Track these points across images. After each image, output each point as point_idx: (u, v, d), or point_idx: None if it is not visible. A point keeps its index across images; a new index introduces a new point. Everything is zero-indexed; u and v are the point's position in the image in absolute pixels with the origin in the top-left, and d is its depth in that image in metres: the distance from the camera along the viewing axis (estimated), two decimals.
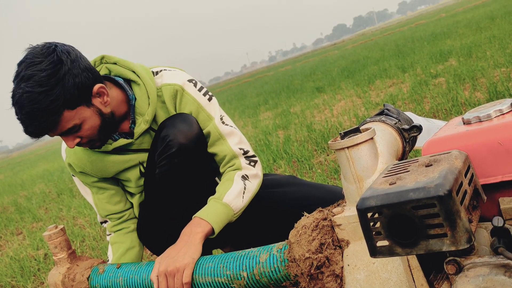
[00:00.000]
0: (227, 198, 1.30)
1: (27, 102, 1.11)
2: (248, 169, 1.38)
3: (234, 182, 1.33)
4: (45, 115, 1.14)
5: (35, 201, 5.58)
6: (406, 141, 1.02)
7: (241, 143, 1.40)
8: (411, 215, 0.61)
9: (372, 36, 27.82)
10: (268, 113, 6.60)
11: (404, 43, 10.58)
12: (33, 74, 1.11)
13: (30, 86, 1.11)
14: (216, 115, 1.38)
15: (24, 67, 1.13)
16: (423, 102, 3.77)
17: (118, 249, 1.47)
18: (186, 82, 1.37)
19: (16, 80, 1.13)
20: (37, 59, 1.13)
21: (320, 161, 3.05)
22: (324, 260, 0.95)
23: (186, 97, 1.35)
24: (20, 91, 1.11)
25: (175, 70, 1.41)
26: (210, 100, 1.39)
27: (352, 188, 0.91)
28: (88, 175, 1.44)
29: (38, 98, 1.11)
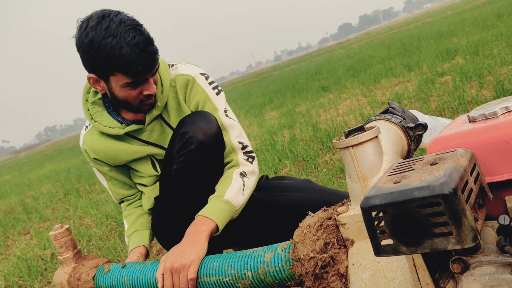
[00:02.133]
0: (228, 195, 1.32)
1: (141, 32, 1.23)
2: (245, 165, 1.41)
3: (233, 180, 1.36)
4: (153, 43, 1.26)
5: (42, 201, 5.61)
6: (411, 140, 1.01)
7: (240, 137, 1.43)
8: (416, 214, 0.60)
9: (378, 34, 27.71)
10: (274, 113, 6.60)
11: (410, 42, 10.53)
12: (127, 16, 1.25)
13: (134, 21, 1.24)
14: (221, 107, 1.42)
15: (114, 15, 1.23)
16: (429, 100, 3.75)
17: (130, 220, 1.56)
18: (199, 74, 1.43)
19: (113, 27, 1.20)
20: (115, 11, 1.25)
21: (325, 161, 3.05)
22: (329, 259, 0.95)
23: (196, 87, 1.41)
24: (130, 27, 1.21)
25: (190, 65, 1.48)
26: (218, 94, 1.44)
27: (357, 187, 0.90)
28: (101, 162, 1.48)
29: (144, 29, 1.26)
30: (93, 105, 1.42)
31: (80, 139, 1.52)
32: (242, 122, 6.57)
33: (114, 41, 1.19)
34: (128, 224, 1.56)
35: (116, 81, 1.26)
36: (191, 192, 1.39)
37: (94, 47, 1.20)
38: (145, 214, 1.56)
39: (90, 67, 1.27)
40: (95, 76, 1.28)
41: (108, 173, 1.52)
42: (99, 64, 1.23)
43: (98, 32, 1.19)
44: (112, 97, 1.33)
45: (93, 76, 1.29)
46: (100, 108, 1.42)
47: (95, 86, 1.33)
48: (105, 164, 1.48)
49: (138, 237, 1.51)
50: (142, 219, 1.55)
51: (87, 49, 1.22)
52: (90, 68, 1.28)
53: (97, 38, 1.19)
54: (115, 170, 1.51)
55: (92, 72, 1.28)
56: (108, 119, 1.41)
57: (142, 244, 1.49)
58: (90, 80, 1.31)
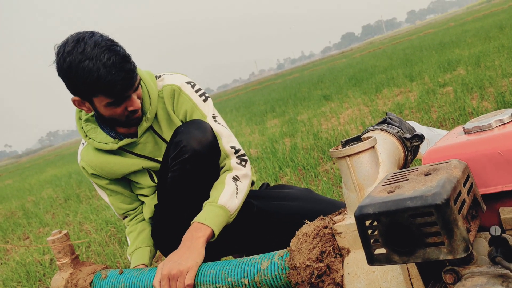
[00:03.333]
0: (222, 200, 1.33)
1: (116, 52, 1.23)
2: (238, 169, 1.42)
3: (226, 184, 1.36)
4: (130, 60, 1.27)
5: (43, 206, 5.62)
6: (408, 150, 1.02)
7: (231, 142, 1.44)
8: (408, 223, 0.61)
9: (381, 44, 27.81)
10: (275, 121, 6.61)
11: (412, 52, 10.57)
12: (101, 36, 1.25)
13: (109, 41, 1.25)
14: (209, 114, 1.44)
15: (89, 38, 1.23)
16: (430, 111, 3.76)
17: (132, 237, 1.56)
18: (184, 83, 1.45)
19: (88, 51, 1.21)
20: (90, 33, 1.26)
21: (326, 169, 3.05)
22: (325, 268, 0.95)
23: (182, 97, 1.43)
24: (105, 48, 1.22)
25: (176, 74, 1.49)
26: (206, 101, 1.46)
27: (353, 196, 0.91)
28: (99, 177, 1.49)
29: (120, 47, 1.26)
30: (86, 122, 1.45)
31: (78, 156, 1.54)
32: (244, 130, 6.59)
33: (91, 64, 1.20)
34: (130, 241, 1.57)
35: (99, 102, 1.28)
36: (186, 200, 1.40)
37: (73, 71, 1.22)
38: (146, 229, 1.56)
39: (72, 90, 1.29)
40: (79, 98, 1.30)
41: (108, 187, 1.52)
42: (80, 87, 1.25)
43: (75, 56, 1.21)
44: (99, 116, 1.36)
45: (77, 98, 1.31)
46: (93, 125, 1.44)
47: (81, 108, 1.35)
48: (104, 178, 1.50)
49: (138, 255, 1.51)
50: (143, 235, 1.55)
51: (67, 74, 1.24)
52: (73, 91, 1.30)
53: (74, 62, 1.21)
54: (114, 183, 1.52)
55: (75, 95, 1.30)
56: (102, 135, 1.42)
57: (142, 262, 1.49)
58: (75, 103, 1.33)
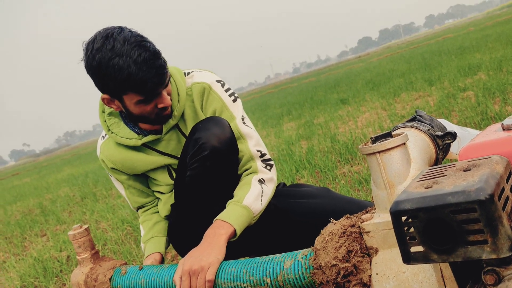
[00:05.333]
0: (247, 201, 1.31)
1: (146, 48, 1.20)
2: (264, 172, 1.39)
3: (252, 186, 1.34)
4: (161, 57, 1.24)
5: (60, 204, 5.67)
6: (439, 148, 0.98)
7: (258, 145, 1.42)
8: (449, 220, 0.58)
9: (398, 49, 27.56)
10: (291, 124, 6.58)
11: (431, 56, 10.43)
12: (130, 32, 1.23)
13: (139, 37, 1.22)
14: (238, 115, 1.41)
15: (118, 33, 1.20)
16: (451, 115, 3.69)
17: (147, 226, 1.56)
18: (215, 82, 1.42)
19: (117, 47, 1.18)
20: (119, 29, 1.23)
21: (343, 172, 3.01)
22: (352, 268, 0.92)
23: (212, 95, 1.40)
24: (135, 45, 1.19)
25: (206, 72, 1.46)
26: (235, 101, 1.43)
27: (383, 194, 0.88)
28: (119, 171, 1.48)
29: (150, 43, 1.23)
30: (109, 116, 1.43)
31: (97, 149, 1.52)
32: (260, 132, 6.56)
33: (121, 61, 1.17)
34: (144, 230, 1.56)
35: (129, 100, 1.26)
36: (205, 198, 1.38)
37: (103, 69, 1.19)
38: (162, 221, 1.56)
39: (102, 88, 1.27)
40: (108, 96, 1.28)
41: (126, 182, 1.51)
42: (110, 85, 1.22)
43: (104, 54, 1.18)
44: (128, 114, 1.33)
45: (106, 97, 1.29)
46: (117, 119, 1.42)
47: (110, 106, 1.33)
48: (123, 173, 1.49)
49: (154, 243, 1.50)
50: (159, 226, 1.55)
51: (96, 72, 1.21)
52: (102, 89, 1.27)
53: (104, 59, 1.18)
54: (133, 179, 1.51)
55: (105, 93, 1.28)
56: (125, 130, 1.41)
57: (157, 250, 1.48)
58: (104, 101, 1.31)
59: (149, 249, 1.49)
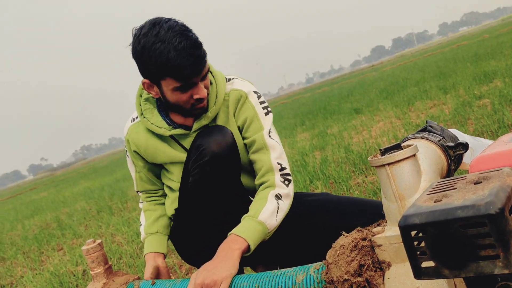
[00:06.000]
0: (262, 216, 1.31)
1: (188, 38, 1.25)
2: (281, 187, 1.38)
3: (268, 201, 1.34)
4: (201, 47, 1.28)
5: (76, 218, 5.73)
6: (451, 159, 0.97)
7: (280, 158, 1.42)
8: (459, 235, 0.57)
9: (412, 57, 27.40)
10: (305, 134, 6.56)
11: (445, 64, 10.34)
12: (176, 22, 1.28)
13: (182, 26, 1.27)
14: (266, 127, 1.44)
15: (164, 22, 1.26)
16: (466, 123, 3.64)
17: (150, 216, 1.58)
18: (252, 92, 1.46)
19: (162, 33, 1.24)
20: (166, 18, 1.28)
21: (357, 183, 2.98)
22: (364, 283, 0.91)
23: (247, 104, 1.44)
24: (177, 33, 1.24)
25: (246, 81, 1.51)
26: (267, 115, 1.46)
27: (393, 206, 0.87)
28: (139, 156, 1.53)
29: (193, 34, 1.28)
30: (146, 101, 1.47)
31: (124, 129, 1.56)
32: None
33: (162, 46, 1.23)
34: (148, 220, 1.58)
35: (167, 85, 1.30)
36: (207, 204, 1.40)
37: (145, 53, 1.25)
38: (166, 216, 1.59)
39: (143, 72, 1.33)
40: (148, 81, 1.34)
41: (141, 167, 1.56)
42: (150, 69, 1.28)
43: (149, 39, 1.24)
44: (165, 102, 1.37)
45: (147, 81, 1.34)
46: (151, 106, 1.47)
47: (150, 91, 1.38)
48: (142, 159, 1.53)
49: (157, 241, 1.53)
50: (163, 222, 1.58)
51: (140, 56, 1.27)
52: (143, 74, 1.33)
53: (147, 44, 1.24)
54: (147, 167, 1.55)
55: (145, 77, 1.34)
56: (157, 118, 1.44)
57: (162, 251, 1.52)
58: (144, 85, 1.37)
59: (152, 245, 1.52)
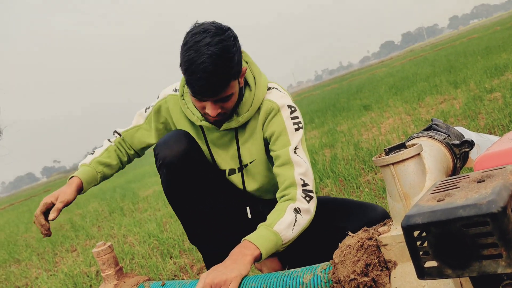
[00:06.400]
0: (278, 227, 1.28)
1: (214, 62, 1.25)
2: (302, 202, 1.34)
3: (286, 213, 1.31)
4: (223, 77, 1.28)
5: (89, 219, 5.79)
6: (457, 157, 0.96)
7: (304, 175, 1.38)
8: (461, 234, 0.57)
9: (422, 52, 27.15)
10: (315, 132, 6.55)
11: (456, 58, 10.23)
12: (220, 42, 1.26)
13: (218, 50, 1.25)
14: (293, 143, 1.40)
15: (210, 35, 1.27)
16: (477, 118, 3.60)
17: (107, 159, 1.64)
18: (286, 106, 1.44)
19: (199, 45, 1.26)
20: (220, 31, 1.29)
21: (367, 180, 2.97)
22: (371, 283, 0.91)
23: (277, 118, 1.43)
24: (209, 52, 1.24)
25: (285, 93, 1.49)
26: (297, 131, 1.42)
27: (399, 206, 0.87)
28: (158, 122, 1.59)
29: (223, 61, 1.26)
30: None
31: (163, 93, 1.58)
32: None
33: (191, 56, 1.26)
34: (101, 158, 1.62)
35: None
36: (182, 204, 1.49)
37: (182, 50, 1.30)
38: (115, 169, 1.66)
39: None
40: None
41: (146, 128, 1.61)
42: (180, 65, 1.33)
43: (190, 40, 1.28)
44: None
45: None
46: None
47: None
48: (157, 126, 1.58)
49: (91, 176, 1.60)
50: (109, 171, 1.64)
51: (181, 49, 1.31)
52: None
53: (186, 45, 1.29)
54: (158, 132, 1.60)
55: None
56: (193, 105, 1.47)
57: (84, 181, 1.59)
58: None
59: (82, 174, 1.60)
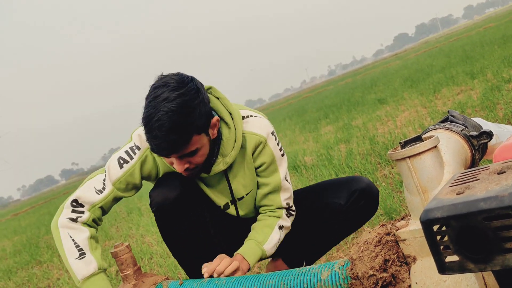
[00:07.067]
0: (267, 246, 1.46)
1: (170, 119, 1.20)
2: (285, 220, 1.53)
3: (274, 232, 1.49)
4: (182, 134, 1.23)
5: (107, 220, 5.86)
6: (475, 149, 0.94)
7: (289, 199, 1.54)
8: (483, 227, 0.55)
9: (437, 43, 26.75)
10: (329, 127, 6.51)
11: (472, 48, 10.05)
12: (178, 97, 1.22)
13: (175, 106, 1.20)
14: (282, 171, 1.50)
15: (168, 90, 1.22)
16: (496, 108, 3.53)
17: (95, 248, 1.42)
18: (270, 134, 1.46)
19: (157, 100, 1.22)
20: (180, 85, 1.24)
21: (384, 174, 2.94)
22: (390, 278, 0.89)
23: (266, 149, 1.46)
24: (165, 109, 1.20)
25: (261, 118, 1.48)
26: (283, 156, 1.50)
27: (416, 200, 0.85)
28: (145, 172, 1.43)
29: (181, 117, 1.21)
30: None
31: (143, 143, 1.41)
32: (298, 138, 6.53)
33: (149, 111, 1.22)
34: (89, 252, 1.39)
35: None
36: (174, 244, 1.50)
37: (145, 105, 1.26)
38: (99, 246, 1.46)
39: None
40: None
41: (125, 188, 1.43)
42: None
43: (150, 95, 1.25)
44: None
45: None
46: None
47: None
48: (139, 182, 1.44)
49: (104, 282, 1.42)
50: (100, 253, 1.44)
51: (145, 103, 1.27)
52: None
53: (147, 99, 1.25)
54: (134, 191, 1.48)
55: None
56: None
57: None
58: None
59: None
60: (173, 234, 1.48)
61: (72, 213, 1.40)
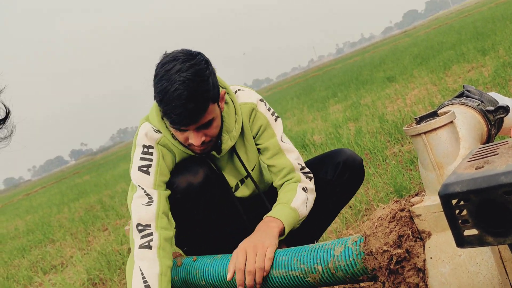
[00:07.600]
0: (295, 204, 1.35)
1: (188, 87, 1.20)
2: (306, 182, 1.44)
3: (297, 192, 1.39)
4: (200, 102, 1.23)
5: (118, 199, 5.93)
6: (491, 124, 0.93)
7: (298, 159, 1.48)
8: (503, 201, 0.55)
9: (447, 19, 26.25)
10: (338, 106, 6.47)
11: (484, 24, 9.86)
12: (191, 66, 1.22)
13: (190, 75, 1.21)
14: (278, 133, 1.48)
15: (180, 62, 1.23)
16: (508, 85, 3.48)
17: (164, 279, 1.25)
18: (259, 101, 1.48)
19: (170, 73, 1.22)
20: (190, 57, 1.25)
21: (394, 152, 2.93)
22: (404, 254, 0.90)
23: (258, 114, 1.46)
24: (181, 79, 1.20)
25: (248, 90, 1.50)
26: (276, 120, 1.49)
27: (432, 176, 0.85)
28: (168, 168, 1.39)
29: (197, 86, 1.22)
30: None
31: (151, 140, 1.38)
32: (306, 117, 6.51)
33: (164, 85, 1.22)
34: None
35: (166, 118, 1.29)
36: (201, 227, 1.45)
37: (155, 82, 1.26)
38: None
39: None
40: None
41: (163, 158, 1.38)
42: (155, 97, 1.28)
43: (161, 71, 1.24)
44: None
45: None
46: None
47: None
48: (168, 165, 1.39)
49: None
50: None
51: (153, 81, 1.27)
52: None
53: (158, 76, 1.25)
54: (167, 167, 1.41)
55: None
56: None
57: None
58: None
59: None
60: (200, 219, 1.44)
61: (142, 239, 1.28)
